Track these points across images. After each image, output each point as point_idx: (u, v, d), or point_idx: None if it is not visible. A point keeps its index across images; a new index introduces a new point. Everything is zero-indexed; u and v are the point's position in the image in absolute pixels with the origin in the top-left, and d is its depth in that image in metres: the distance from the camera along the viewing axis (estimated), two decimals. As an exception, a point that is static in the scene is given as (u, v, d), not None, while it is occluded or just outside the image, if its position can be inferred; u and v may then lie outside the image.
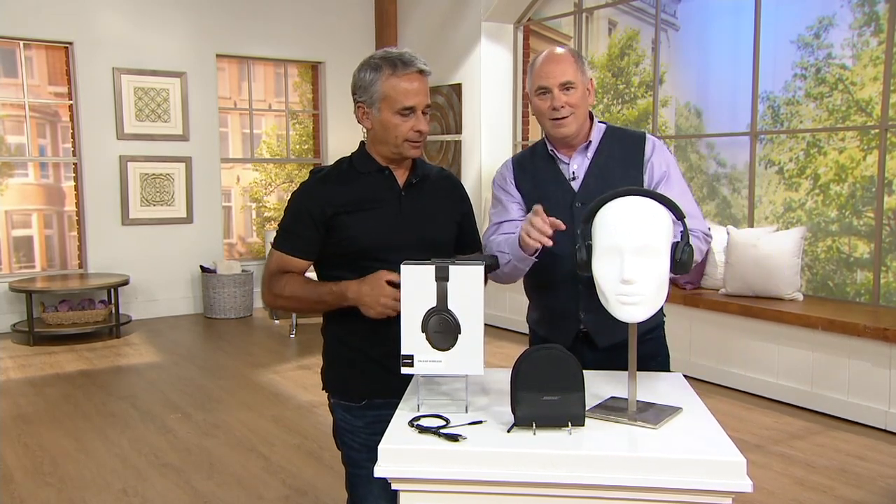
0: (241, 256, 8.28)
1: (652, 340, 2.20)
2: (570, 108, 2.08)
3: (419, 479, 1.50)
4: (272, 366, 5.70)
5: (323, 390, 2.16)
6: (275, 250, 2.04)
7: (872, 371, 4.33)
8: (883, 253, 4.92)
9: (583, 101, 2.10)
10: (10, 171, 7.14)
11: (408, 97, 1.91)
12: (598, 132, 2.18)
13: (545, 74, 2.08)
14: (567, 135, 2.11)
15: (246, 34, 7.82)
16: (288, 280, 2.01)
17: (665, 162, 2.14)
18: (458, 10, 7.60)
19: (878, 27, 5.00)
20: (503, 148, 7.64)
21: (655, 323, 2.21)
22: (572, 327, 2.14)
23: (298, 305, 2.04)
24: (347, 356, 1.99)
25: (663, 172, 2.13)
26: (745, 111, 5.63)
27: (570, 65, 2.08)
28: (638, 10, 6.60)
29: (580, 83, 2.09)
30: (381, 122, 1.95)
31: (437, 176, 2.14)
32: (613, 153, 2.16)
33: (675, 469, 1.44)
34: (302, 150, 8.58)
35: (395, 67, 1.91)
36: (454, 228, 2.12)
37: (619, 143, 2.17)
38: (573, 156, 2.17)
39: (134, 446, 4.07)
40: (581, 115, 2.11)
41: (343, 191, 1.99)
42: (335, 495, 3.46)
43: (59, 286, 6.61)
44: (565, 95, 2.07)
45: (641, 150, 2.15)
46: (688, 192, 2.17)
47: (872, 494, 3.47)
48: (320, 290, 1.97)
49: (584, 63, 2.14)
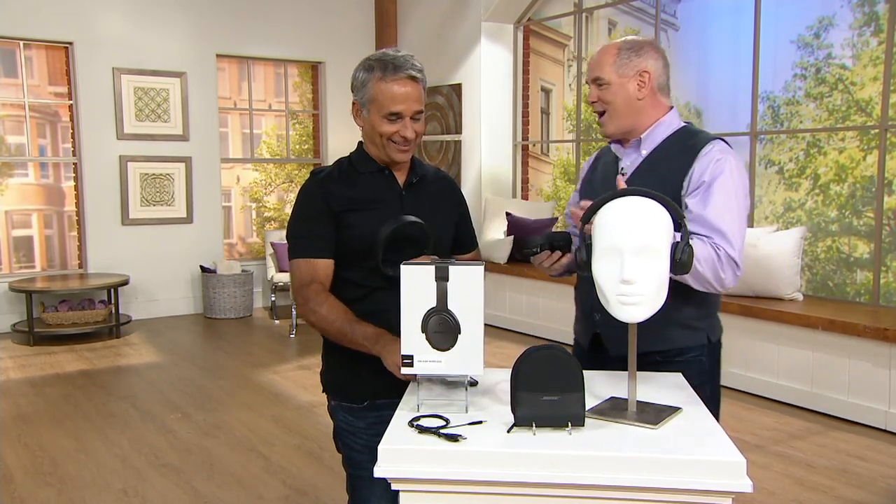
0: (241, 256, 8.28)
1: (685, 364, 2.01)
2: (603, 103, 1.98)
3: (419, 480, 1.50)
4: (272, 366, 5.70)
5: (323, 392, 2.15)
6: (298, 260, 1.97)
7: (872, 371, 4.33)
8: (883, 253, 4.92)
9: (619, 97, 1.98)
10: (10, 171, 7.14)
11: (395, 103, 1.89)
12: (665, 130, 2.03)
13: (587, 68, 2.01)
14: (607, 133, 2.02)
15: (246, 34, 7.82)
16: (328, 301, 1.94)
17: (709, 172, 1.93)
18: (458, 10, 7.60)
19: (878, 27, 5.00)
20: (503, 148, 7.64)
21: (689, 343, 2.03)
22: (589, 329, 2.12)
23: (328, 329, 1.95)
24: (350, 356, 1.96)
25: (701, 182, 1.94)
26: (745, 111, 5.63)
27: (605, 60, 1.98)
28: (638, 10, 6.60)
29: (615, 80, 1.97)
30: (370, 123, 1.95)
31: (435, 176, 2.13)
32: (670, 154, 2.00)
33: (675, 469, 1.44)
34: (302, 150, 8.58)
35: (386, 71, 1.88)
36: (452, 228, 2.13)
37: (682, 144, 2.01)
38: (626, 151, 2.07)
39: (134, 446, 4.07)
40: (620, 113, 1.99)
41: (346, 190, 1.99)
42: (335, 495, 3.46)
43: (59, 286, 6.61)
44: (598, 91, 1.98)
45: (696, 153, 1.97)
46: (730, 211, 1.92)
47: (873, 495, 3.47)
48: (355, 331, 1.89)
49: (633, 56, 1.98)
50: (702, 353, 2.06)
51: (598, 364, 2.05)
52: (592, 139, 7.03)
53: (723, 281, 1.91)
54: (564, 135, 7.49)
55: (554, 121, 7.69)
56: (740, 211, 1.95)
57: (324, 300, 1.93)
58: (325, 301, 1.93)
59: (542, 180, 7.70)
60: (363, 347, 1.87)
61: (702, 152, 1.96)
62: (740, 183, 1.96)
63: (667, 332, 2.00)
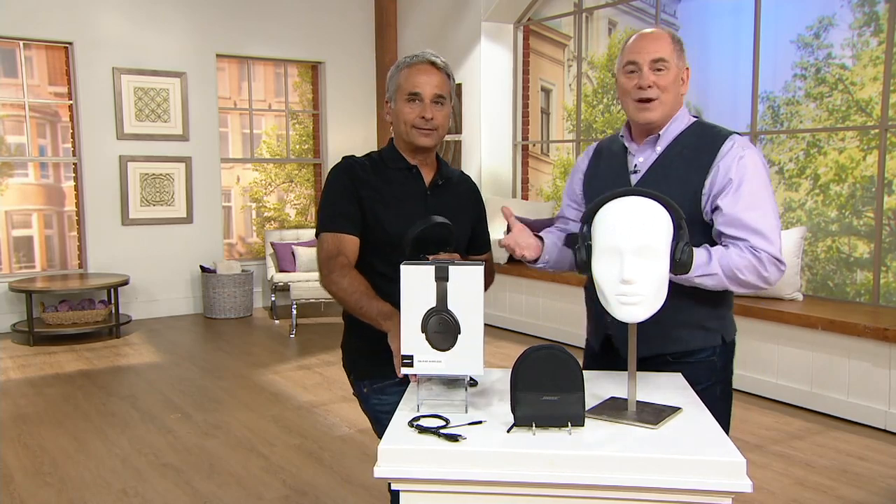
0: (241, 256, 8.28)
1: (696, 365, 1.99)
2: (658, 89, 1.92)
3: (419, 480, 1.50)
4: (272, 366, 5.70)
5: (350, 381, 2.18)
6: (326, 234, 2.05)
7: (872, 371, 4.33)
8: (883, 253, 4.92)
9: (674, 86, 1.94)
10: (10, 171, 7.14)
11: (415, 84, 2.04)
12: (679, 125, 1.99)
13: (637, 49, 1.92)
14: (651, 120, 1.95)
15: (246, 34, 7.82)
16: (350, 273, 2.00)
17: (736, 170, 1.88)
18: (458, 10, 7.60)
19: (878, 27, 5.00)
20: (503, 148, 7.64)
21: (702, 344, 2.00)
22: (600, 330, 2.09)
23: (347, 300, 2.00)
24: (372, 337, 1.94)
25: (728, 181, 1.88)
26: (745, 111, 5.63)
27: (666, 43, 1.92)
28: (638, 10, 6.61)
29: (674, 65, 1.92)
30: (395, 113, 2.09)
31: (458, 179, 2.25)
32: (686, 151, 1.96)
33: (675, 469, 1.44)
34: (302, 150, 8.58)
35: (409, 60, 2.08)
36: (469, 231, 2.23)
37: (699, 140, 1.96)
38: (640, 148, 2.02)
39: (134, 446, 4.07)
40: (669, 102, 1.94)
41: (373, 179, 2.09)
42: (335, 495, 3.46)
43: (59, 286, 6.61)
44: (654, 75, 1.91)
45: (716, 150, 1.92)
46: (763, 209, 1.89)
47: (873, 495, 3.47)
48: (371, 305, 1.93)
49: (683, 48, 1.97)
50: (714, 354, 2.03)
51: (610, 366, 2.04)
52: (592, 139, 7.03)
53: (768, 279, 1.89)
54: (564, 135, 7.49)
55: (554, 121, 7.69)
56: (773, 206, 1.93)
57: (347, 272, 2.01)
58: (349, 274, 2.00)
59: (541, 180, 7.70)
60: (375, 322, 1.91)
61: (722, 150, 1.92)
62: (766, 177, 1.94)
63: (682, 333, 1.99)
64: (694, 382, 1.90)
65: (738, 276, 1.86)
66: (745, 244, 1.87)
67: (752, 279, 1.87)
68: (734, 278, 1.87)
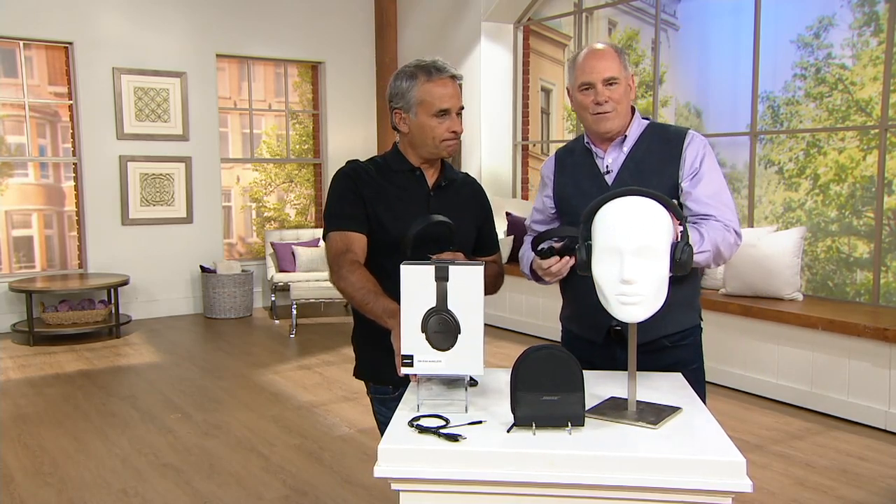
0: (241, 256, 8.29)
1: (689, 346, 2.17)
2: (614, 102, 2.10)
3: (419, 479, 1.50)
4: (272, 366, 5.70)
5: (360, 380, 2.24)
6: (333, 233, 2.09)
7: (872, 371, 4.33)
8: (883, 253, 4.92)
9: (625, 96, 2.13)
10: (10, 171, 7.14)
11: (443, 101, 2.06)
12: (638, 127, 2.19)
13: (589, 70, 2.10)
14: (610, 129, 2.13)
15: (246, 34, 7.83)
16: (359, 270, 2.02)
17: (697, 157, 2.12)
18: (458, 10, 7.60)
19: (878, 27, 5.00)
20: (503, 148, 7.64)
21: (692, 323, 2.19)
22: (604, 323, 2.11)
23: (354, 296, 2.01)
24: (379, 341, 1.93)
25: (693, 168, 2.12)
26: (745, 111, 5.63)
27: (613, 60, 2.11)
28: (638, 10, 6.61)
29: (623, 78, 2.11)
30: (418, 125, 2.09)
31: (463, 182, 2.27)
32: (652, 149, 2.16)
33: (675, 469, 1.44)
34: (302, 150, 8.58)
35: (430, 74, 2.07)
36: (474, 232, 2.23)
37: (660, 138, 2.17)
38: (608, 150, 2.18)
39: (134, 446, 4.07)
40: (623, 110, 2.13)
41: (377, 181, 2.12)
42: (335, 495, 3.46)
43: (59, 286, 6.61)
44: (608, 91, 2.10)
45: (681, 142, 2.14)
46: (723, 190, 2.14)
47: (873, 495, 3.47)
48: (377, 302, 1.93)
49: (627, 59, 2.15)
50: (700, 333, 2.22)
51: (610, 358, 2.10)
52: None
53: (732, 253, 2.10)
54: (564, 135, 7.49)
55: (554, 121, 7.69)
56: (728, 186, 2.19)
57: (356, 269, 2.02)
58: (357, 270, 2.02)
59: (541, 180, 7.69)
60: (380, 319, 1.91)
61: (686, 141, 2.14)
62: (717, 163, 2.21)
63: (675, 314, 2.07)
64: (688, 363, 2.11)
65: (721, 250, 2.03)
66: (714, 219, 2.06)
67: (726, 253, 2.06)
68: (718, 253, 2.03)
